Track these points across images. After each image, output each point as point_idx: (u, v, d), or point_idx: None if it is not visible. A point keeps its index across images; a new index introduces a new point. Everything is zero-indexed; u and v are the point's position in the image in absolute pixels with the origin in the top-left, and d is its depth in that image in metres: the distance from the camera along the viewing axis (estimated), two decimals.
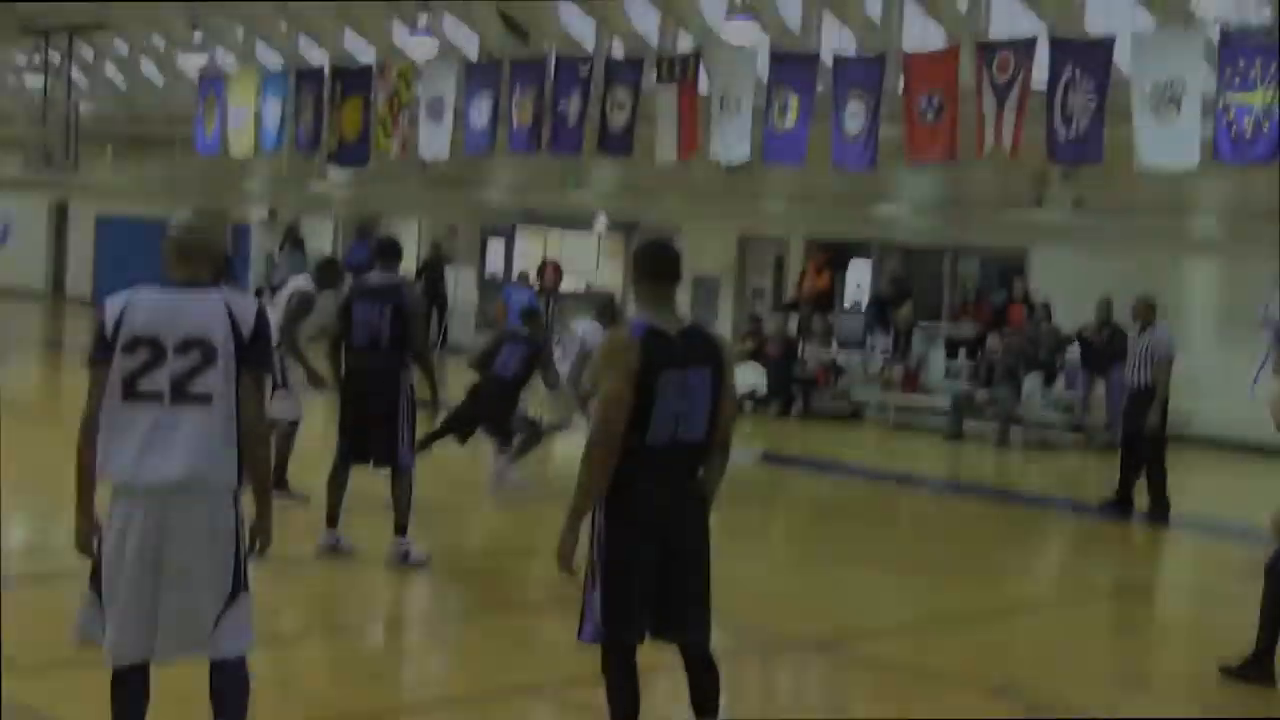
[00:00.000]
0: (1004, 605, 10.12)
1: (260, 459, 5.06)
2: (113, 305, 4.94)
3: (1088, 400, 19.33)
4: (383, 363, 9.17)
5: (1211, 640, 9.52)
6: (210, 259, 5.04)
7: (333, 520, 9.37)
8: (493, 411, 12.41)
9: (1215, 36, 16.80)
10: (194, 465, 4.82)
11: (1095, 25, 19.52)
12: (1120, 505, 13.72)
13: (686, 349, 5.37)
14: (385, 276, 9.50)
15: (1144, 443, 13.45)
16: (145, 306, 4.92)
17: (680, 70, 21.54)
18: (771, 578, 10.45)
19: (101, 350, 4.89)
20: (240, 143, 27.97)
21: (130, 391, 4.85)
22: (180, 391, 4.85)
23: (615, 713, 5.43)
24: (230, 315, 4.92)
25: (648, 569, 5.35)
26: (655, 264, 5.55)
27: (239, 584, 4.95)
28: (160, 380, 4.85)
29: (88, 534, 4.94)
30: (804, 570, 10.80)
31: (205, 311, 4.91)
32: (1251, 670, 7.91)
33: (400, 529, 9.27)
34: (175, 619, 4.84)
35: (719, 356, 5.46)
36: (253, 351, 4.94)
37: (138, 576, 4.81)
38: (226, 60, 29.58)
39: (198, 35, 27.15)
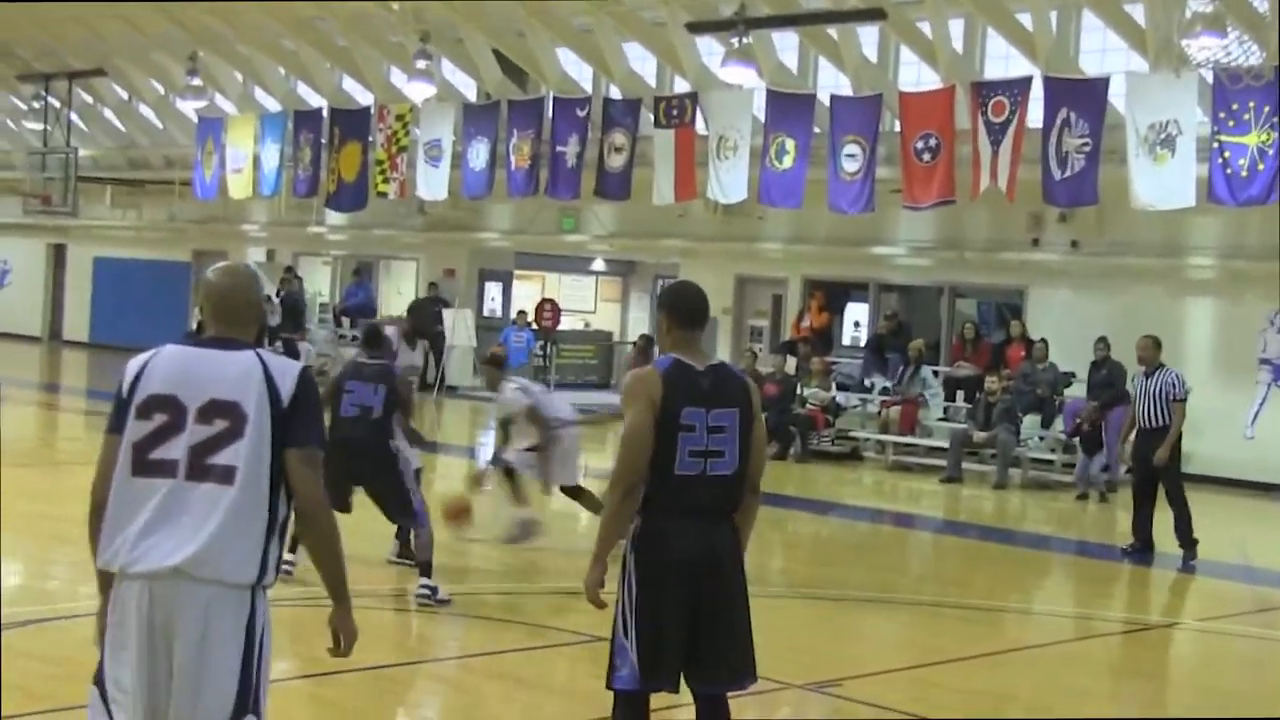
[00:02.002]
0: (1003, 647, 10.09)
1: (331, 550, 4.25)
2: (134, 363, 4.27)
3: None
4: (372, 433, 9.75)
5: (1214, 682, 9.51)
6: (254, 316, 4.38)
7: None
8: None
9: (1209, 78, 16.91)
10: (199, 551, 4.02)
11: (1090, 67, 19.63)
12: (1143, 550, 13.56)
13: (712, 388, 5.37)
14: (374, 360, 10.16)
15: (1155, 480, 13.43)
16: (166, 363, 4.22)
17: (678, 112, 21.65)
18: (769, 619, 10.41)
19: (115, 418, 4.20)
20: (239, 186, 28.08)
21: (141, 463, 4.11)
22: (198, 464, 4.08)
23: None
24: (267, 379, 4.16)
25: (680, 613, 5.28)
26: (681, 306, 5.54)
27: (245, 705, 4.08)
28: (176, 450, 4.10)
29: (103, 623, 4.21)
30: (802, 611, 10.78)
31: (236, 373, 4.16)
32: None
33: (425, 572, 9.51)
34: None
35: (747, 397, 5.44)
36: (296, 423, 4.16)
37: (145, 683, 4.05)
38: (225, 105, 29.70)
39: (195, 80, 27.26)
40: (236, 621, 4.06)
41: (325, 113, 26.77)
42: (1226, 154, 16.57)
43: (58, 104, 33.17)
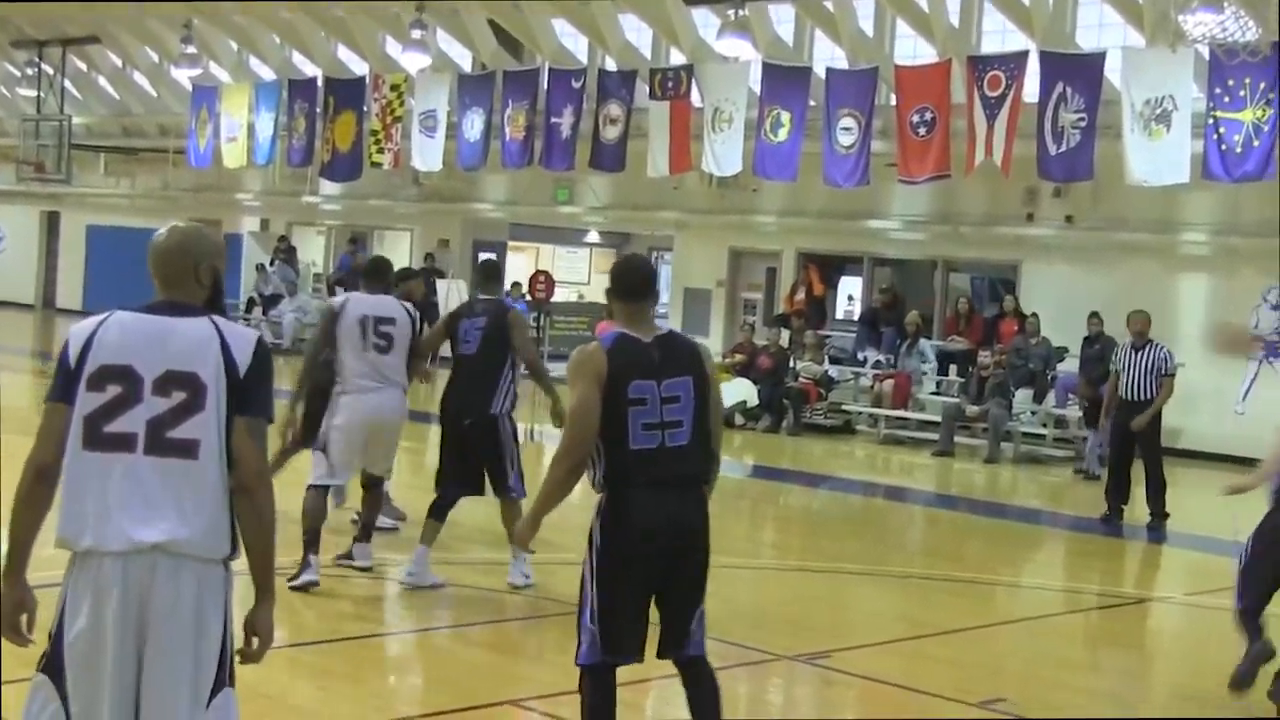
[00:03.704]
0: (994, 619, 10.13)
1: (266, 525, 4.07)
2: (80, 330, 4.07)
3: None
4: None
5: (1202, 655, 9.56)
6: (198, 278, 4.16)
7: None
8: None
9: (1206, 54, 16.88)
10: (178, 527, 3.92)
11: (1086, 42, 19.61)
12: (1115, 518, 13.90)
13: (662, 358, 5.38)
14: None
15: (1136, 450, 13.68)
16: (119, 332, 4.04)
17: (673, 84, 21.60)
18: (760, 591, 10.46)
19: (60, 386, 4.01)
20: (233, 155, 28.00)
21: (95, 436, 3.95)
22: (158, 438, 3.94)
23: None
24: (224, 348, 4.02)
25: (644, 585, 5.34)
26: (623, 280, 5.57)
27: (223, 679, 4.02)
28: (133, 423, 3.94)
29: (15, 609, 4.03)
30: (793, 583, 10.81)
31: (192, 342, 4.02)
32: None
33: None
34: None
35: (700, 365, 5.46)
36: (249, 393, 4.03)
37: (119, 667, 3.90)
38: (219, 74, 29.61)
39: (190, 48, 27.16)
40: (217, 597, 4.00)
41: (320, 82, 26.69)
42: (1222, 130, 16.55)
43: (51, 71, 33.08)
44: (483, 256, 29.52)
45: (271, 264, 30.44)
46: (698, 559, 5.43)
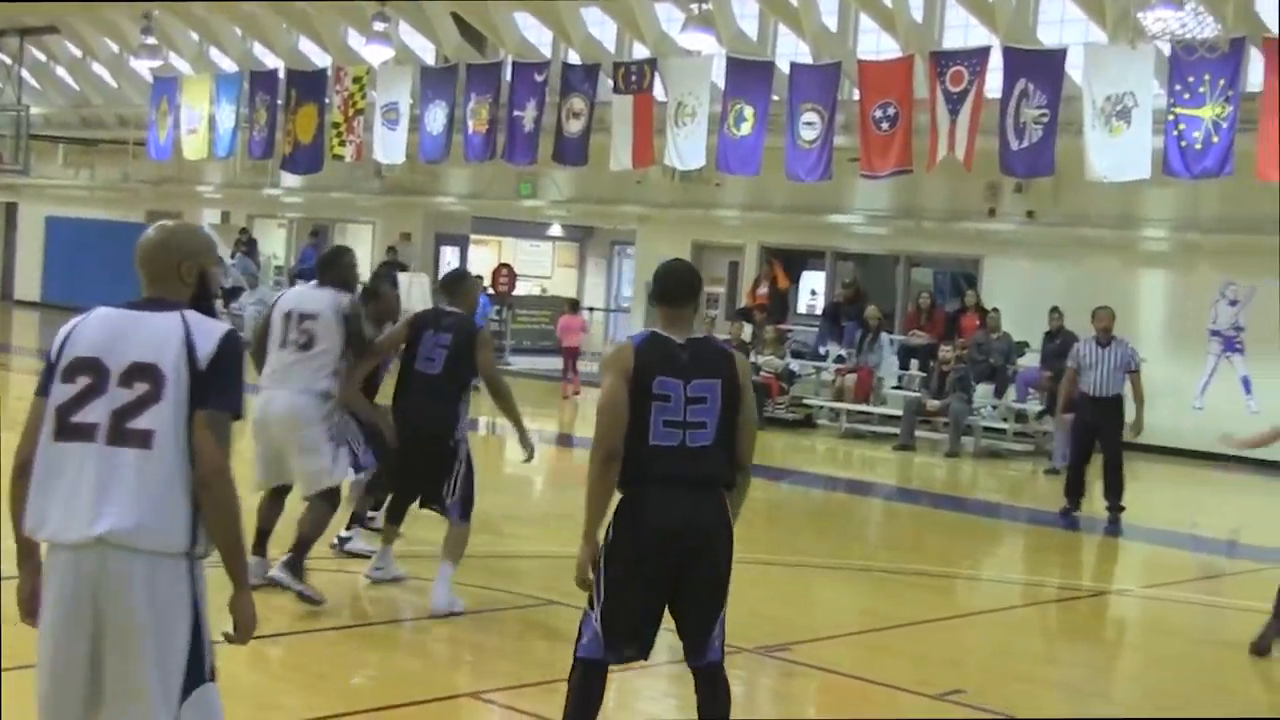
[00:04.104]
0: (954, 612, 10.18)
1: (227, 518, 4.02)
2: (66, 326, 4.19)
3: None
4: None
5: (1159, 648, 9.63)
6: (186, 275, 4.18)
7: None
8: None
9: (1166, 51, 16.99)
10: (123, 518, 3.89)
11: (1048, 38, 19.70)
12: (1074, 512, 13.98)
13: (691, 359, 5.36)
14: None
15: (1106, 447, 13.80)
16: (95, 326, 4.11)
17: (636, 78, 21.60)
18: None
19: (43, 381, 4.11)
20: (193, 147, 27.85)
21: (63, 427, 4.00)
22: (118, 428, 3.96)
23: None
24: (187, 340, 4.02)
25: (653, 584, 5.30)
26: (660, 283, 5.56)
27: (199, 674, 3.99)
28: (96, 413, 3.98)
29: (31, 596, 4.08)
30: (755, 576, 10.82)
31: (157, 334, 4.04)
32: None
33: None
34: (117, 716, 3.94)
35: (730, 368, 5.41)
36: (209, 386, 4.00)
37: (73, 660, 3.92)
38: (180, 65, 29.43)
39: (150, 39, 26.98)
40: (176, 591, 3.95)
41: (281, 74, 26.57)
42: (1182, 126, 16.67)
43: (9, 61, 32.80)
44: (452, 266, 29.49)
45: (232, 257, 30.20)
46: (713, 562, 5.35)
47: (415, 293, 26.32)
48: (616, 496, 5.40)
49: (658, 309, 5.55)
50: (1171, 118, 16.76)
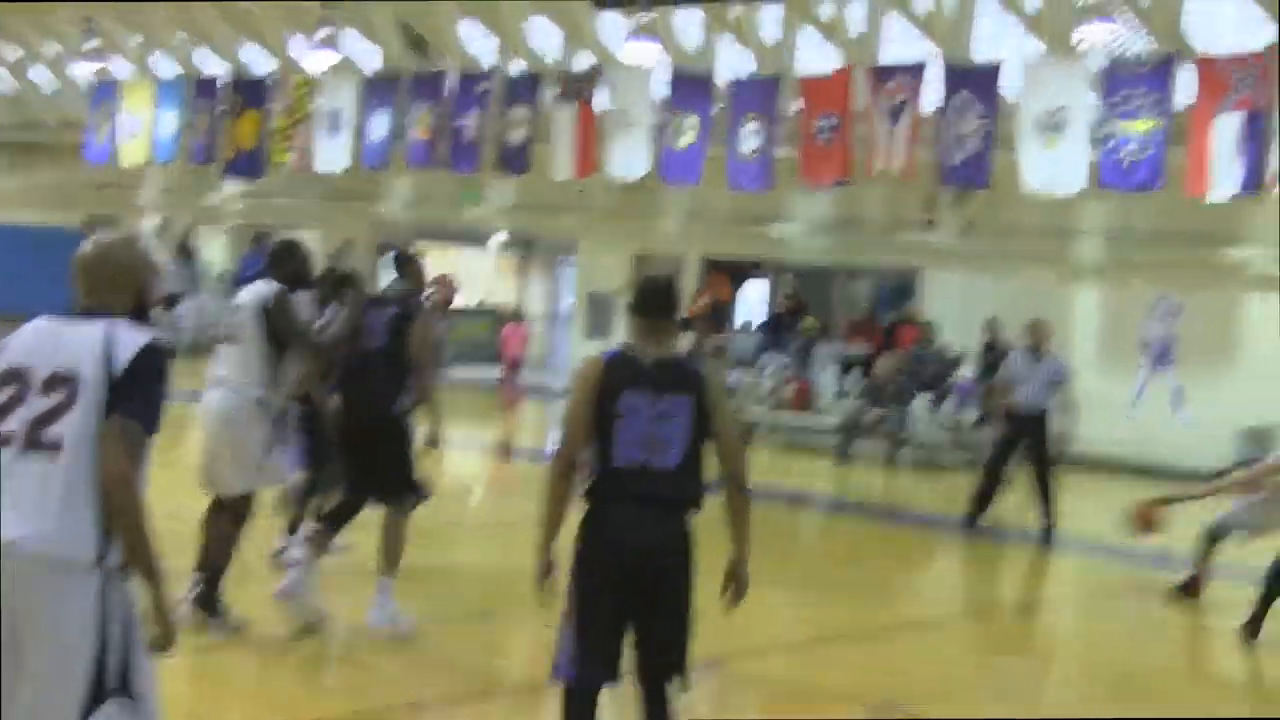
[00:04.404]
0: (890, 623, 10.19)
1: (129, 527, 3.94)
2: (9, 336, 4.20)
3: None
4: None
5: (1092, 658, 9.68)
6: (125, 284, 4.19)
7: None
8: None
9: (1100, 65, 17.13)
10: (29, 525, 3.85)
11: (985, 52, 19.82)
12: (976, 521, 13.92)
13: (660, 374, 5.29)
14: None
15: (1034, 461, 13.81)
16: (28, 335, 4.13)
17: (579, 89, 21.54)
18: None
19: None
20: (133, 152, 27.51)
21: None
22: (33, 436, 3.95)
23: None
24: (106, 347, 4.00)
25: (614, 607, 5.23)
26: (636, 295, 5.52)
27: (105, 689, 3.89)
28: (17, 421, 3.98)
29: None
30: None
31: (80, 342, 4.02)
32: None
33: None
34: None
35: (700, 386, 5.32)
36: (121, 394, 3.96)
37: None
38: (122, 68, 29.11)
39: (92, 42, 26.67)
40: (79, 602, 3.87)
41: (224, 80, 26.34)
42: (1115, 140, 16.80)
43: None
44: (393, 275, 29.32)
45: (172, 263, 29.98)
46: (671, 587, 5.32)
47: None
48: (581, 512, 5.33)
49: (631, 319, 5.50)
50: (1105, 132, 16.89)
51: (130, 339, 4.04)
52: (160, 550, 4.01)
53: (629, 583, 5.23)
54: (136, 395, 4.00)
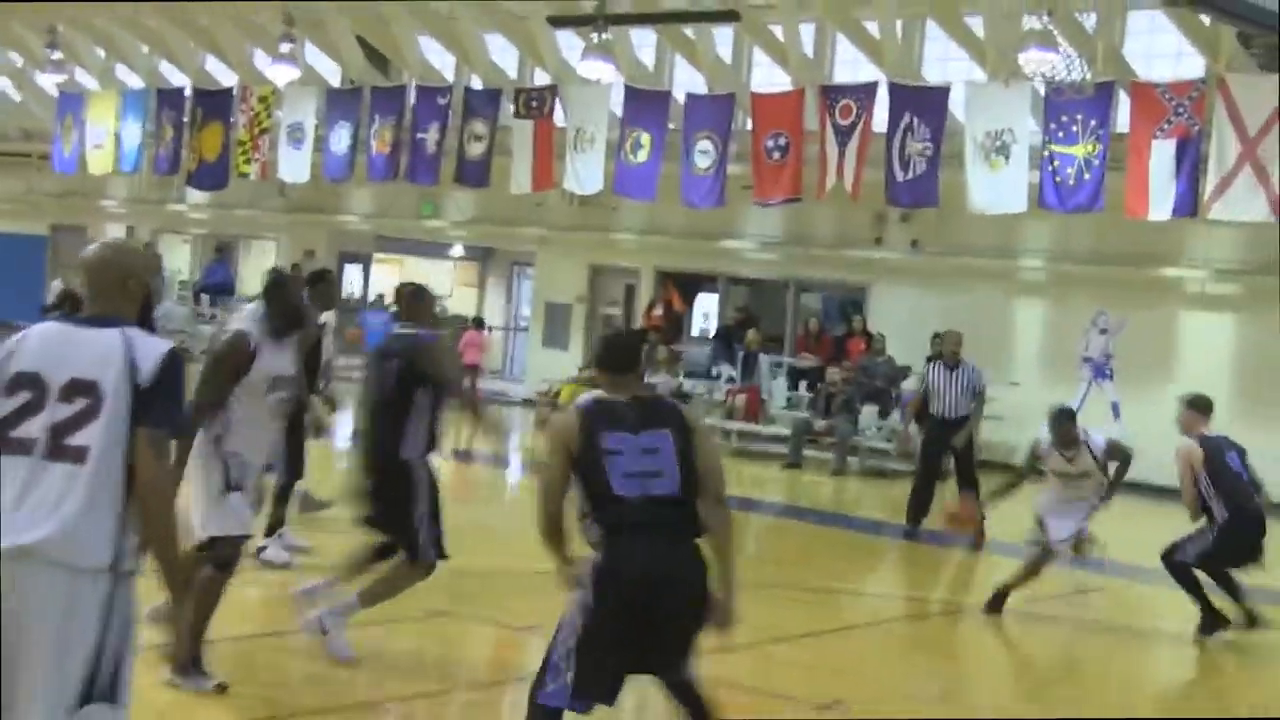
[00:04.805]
0: (839, 624, 10.30)
1: (159, 533, 4.00)
2: (10, 340, 4.16)
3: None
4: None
5: (1027, 657, 9.83)
6: (131, 292, 4.16)
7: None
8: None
9: (1042, 91, 17.36)
10: (50, 532, 3.87)
11: (932, 75, 20.04)
12: (916, 529, 14.11)
13: (639, 414, 5.39)
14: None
15: (960, 469, 14.00)
16: (36, 341, 4.09)
17: (537, 104, 21.62)
18: None
19: None
20: (98, 162, 27.40)
21: (3, 440, 3.98)
22: (56, 444, 3.93)
23: None
24: (129, 358, 3.99)
25: (625, 630, 5.22)
26: (603, 355, 5.68)
27: (91, 693, 3.91)
28: (36, 428, 3.96)
29: None
30: None
31: (98, 351, 4.00)
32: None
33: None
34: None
35: (678, 419, 5.45)
36: (150, 404, 3.97)
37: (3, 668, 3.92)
38: (86, 80, 28.95)
39: (56, 54, 26.51)
40: (89, 606, 3.90)
41: (188, 92, 26.26)
42: (1056, 163, 17.04)
43: None
44: (354, 284, 29.20)
45: None
46: (685, 612, 5.34)
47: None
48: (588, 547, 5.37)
49: (601, 376, 5.61)
50: (1046, 154, 17.13)
51: (151, 348, 4.04)
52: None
53: (644, 611, 5.22)
54: (164, 405, 4.02)
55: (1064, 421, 10.22)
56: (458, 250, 32.10)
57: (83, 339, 4.06)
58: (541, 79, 22.71)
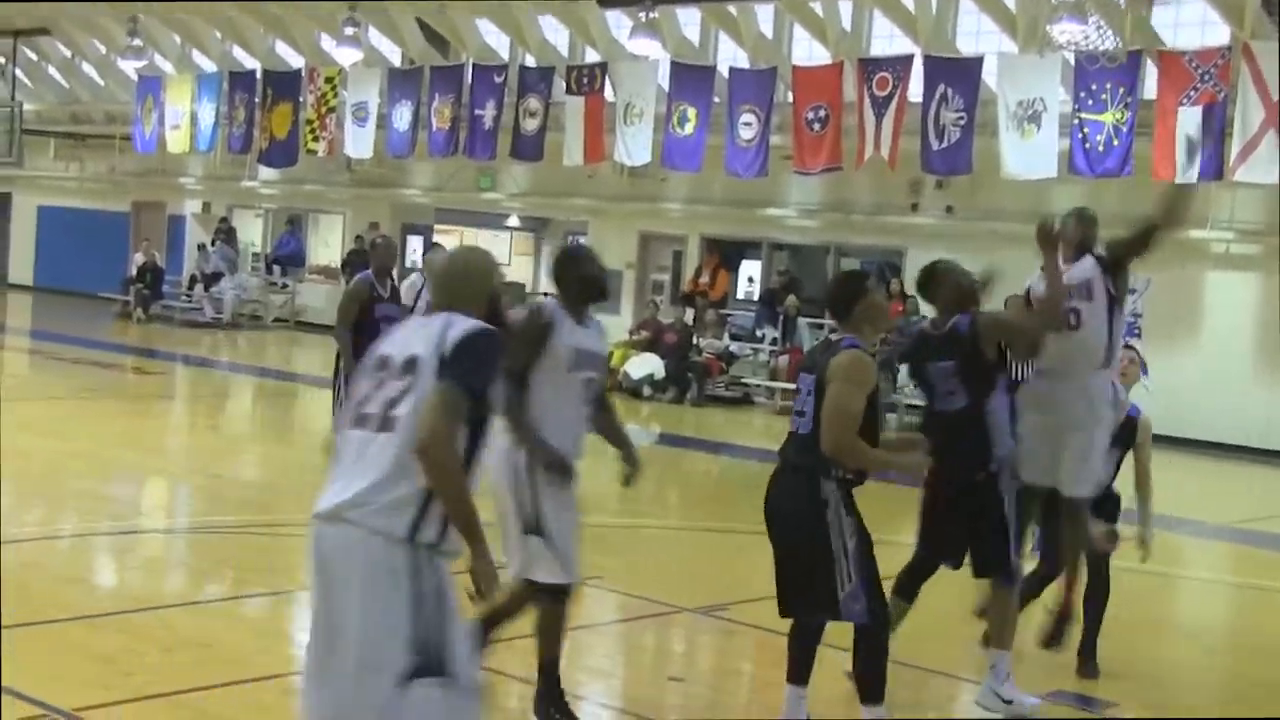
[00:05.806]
0: (883, 575, 10.20)
1: (444, 487, 3.77)
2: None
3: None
4: None
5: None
6: (469, 293, 4.15)
7: None
8: None
9: (1071, 60, 17.11)
10: (349, 496, 3.81)
11: (965, 47, 19.77)
12: None
13: (811, 358, 6.32)
14: None
15: None
16: (405, 327, 4.20)
17: (588, 81, 21.53)
18: (666, 549, 10.49)
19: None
20: (176, 141, 27.55)
21: (356, 416, 3.97)
22: (386, 416, 3.88)
23: (800, 672, 6.32)
24: (445, 332, 3.93)
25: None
26: (831, 294, 6.55)
27: (422, 668, 3.74)
28: (376, 404, 3.94)
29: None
30: (695, 542, 10.85)
31: (429, 331, 3.97)
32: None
33: None
34: (325, 695, 3.83)
35: (822, 365, 6.27)
36: (449, 364, 3.85)
37: (314, 624, 3.90)
38: (163, 65, 29.08)
39: (135, 41, 26.65)
40: (390, 574, 3.75)
41: (258, 74, 26.32)
42: (1086, 130, 16.81)
43: (3, 60, 32.29)
44: (417, 254, 29.26)
45: (213, 244, 30.01)
46: (782, 539, 6.32)
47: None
48: None
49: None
50: (1076, 122, 16.89)
51: (462, 324, 3.96)
52: (247, 504, 4.06)
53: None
54: (460, 364, 3.86)
55: None
56: (514, 221, 32.11)
57: (425, 325, 4.03)
58: (592, 57, 22.58)
